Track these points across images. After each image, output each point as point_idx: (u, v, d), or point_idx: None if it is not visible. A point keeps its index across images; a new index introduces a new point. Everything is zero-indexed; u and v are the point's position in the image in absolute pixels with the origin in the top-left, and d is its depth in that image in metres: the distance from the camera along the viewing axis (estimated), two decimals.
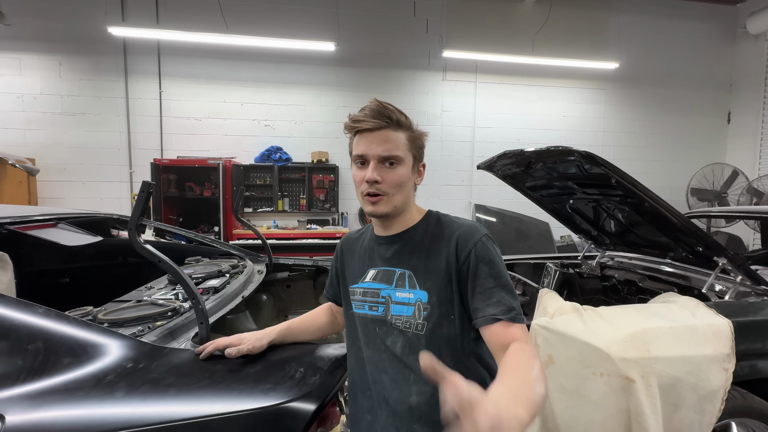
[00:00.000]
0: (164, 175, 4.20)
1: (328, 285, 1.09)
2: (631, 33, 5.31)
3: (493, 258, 0.79)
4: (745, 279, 1.82)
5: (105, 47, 4.31)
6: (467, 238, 0.80)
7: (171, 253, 2.06)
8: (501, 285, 0.78)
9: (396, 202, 0.82)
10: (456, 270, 0.80)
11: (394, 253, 0.87)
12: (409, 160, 0.83)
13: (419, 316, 0.81)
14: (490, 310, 0.76)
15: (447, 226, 0.85)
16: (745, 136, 5.45)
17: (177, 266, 1.08)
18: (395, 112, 0.81)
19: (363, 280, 0.91)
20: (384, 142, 0.79)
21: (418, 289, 0.82)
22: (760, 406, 1.56)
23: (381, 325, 0.86)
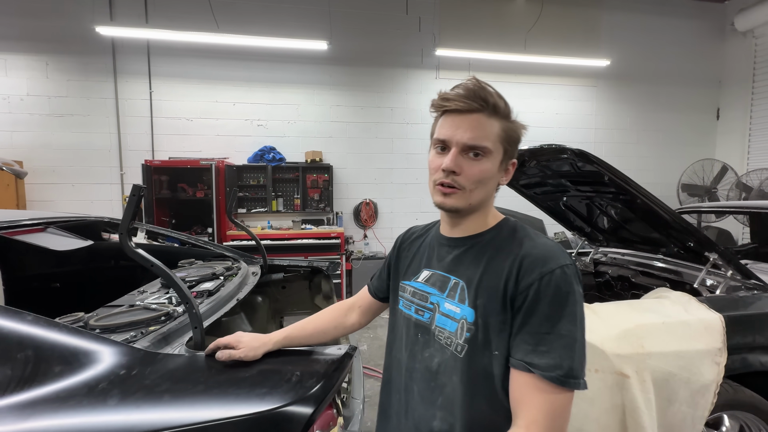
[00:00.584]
0: (156, 176, 4.15)
1: (377, 276, 1.03)
2: (622, 30, 5.36)
3: (563, 298, 0.63)
4: (735, 273, 1.85)
5: (93, 47, 4.24)
6: (537, 263, 0.65)
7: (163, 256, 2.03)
8: (560, 335, 0.61)
9: (473, 199, 0.71)
10: (511, 298, 0.66)
11: (454, 258, 0.77)
12: (498, 153, 0.71)
13: (461, 336, 0.70)
14: (531, 357, 0.62)
15: (518, 241, 0.71)
16: (733, 132, 5.53)
17: (169, 270, 1.07)
18: (493, 96, 0.68)
19: (416, 279, 0.83)
20: (472, 128, 0.68)
21: (466, 305, 0.70)
22: (751, 398, 1.58)
23: (424, 332, 0.78)
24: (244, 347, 0.93)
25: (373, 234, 5.01)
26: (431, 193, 0.75)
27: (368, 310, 1.04)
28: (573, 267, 0.67)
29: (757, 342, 1.55)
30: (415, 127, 5.03)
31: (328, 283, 2.36)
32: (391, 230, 5.05)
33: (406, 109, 4.99)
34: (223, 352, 0.93)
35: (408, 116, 5.00)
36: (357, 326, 1.04)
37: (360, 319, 1.03)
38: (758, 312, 1.59)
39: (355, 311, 1.04)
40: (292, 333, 0.98)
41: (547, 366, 0.60)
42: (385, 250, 4.98)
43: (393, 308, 0.91)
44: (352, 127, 4.89)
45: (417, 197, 5.11)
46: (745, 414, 1.60)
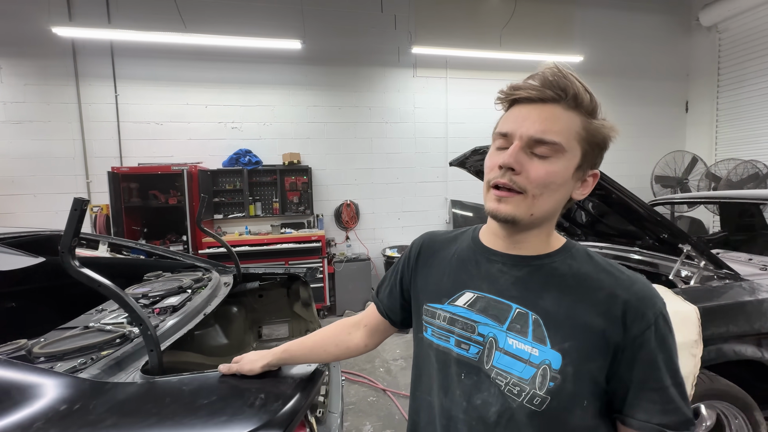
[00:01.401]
0: (124, 183, 3.96)
1: (386, 292, 0.83)
2: (594, 26, 5.46)
3: (673, 343, 0.57)
4: (708, 264, 1.88)
5: (51, 49, 4.01)
6: (645, 303, 0.56)
7: (128, 270, 1.91)
8: (677, 384, 0.56)
9: (536, 208, 0.57)
10: (618, 343, 0.56)
11: (517, 281, 0.61)
12: (574, 155, 0.57)
13: (541, 386, 0.56)
14: (661, 417, 0.55)
15: (606, 271, 0.59)
16: (702, 124, 5.72)
17: (120, 289, 0.98)
18: (576, 85, 0.56)
19: (451, 302, 0.66)
20: (543, 120, 0.55)
21: (548, 347, 0.56)
22: (727, 387, 1.60)
23: (471, 372, 0.62)
24: (243, 361, 0.91)
25: (356, 235, 4.95)
26: (484, 199, 0.61)
27: (376, 330, 0.86)
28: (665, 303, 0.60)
29: (731, 331, 1.57)
30: (394, 126, 4.98)
31: (307, 290, 2.28)
32: (374, 231, 5.00)
33: (385, 108, 4.93)
34: (224, 365, 0.92)
35: (386, 115, 4.95)
36: (363, 348, 0.86)
37: (366, 341, 0.86)
38: (730, 302, 1.62)
39: (361, 330, 0.87)
40: (291, 348, 0.90)
41: (678, 424, 0.55)
42: (368, 251, 4.92)
43: (417, 337, 0.73)
44: (330, 127, 4.81)
45: (399, 197, 5.07)
46: (722, 403, 1.62)
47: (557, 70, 0.57)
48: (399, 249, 4.76)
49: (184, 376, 0.92)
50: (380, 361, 3.26)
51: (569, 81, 0.56)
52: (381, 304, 0.84)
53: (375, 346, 0.89)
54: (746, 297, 1.64)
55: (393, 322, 0.84)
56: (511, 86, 0.60)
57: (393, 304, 0.82)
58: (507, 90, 0.60)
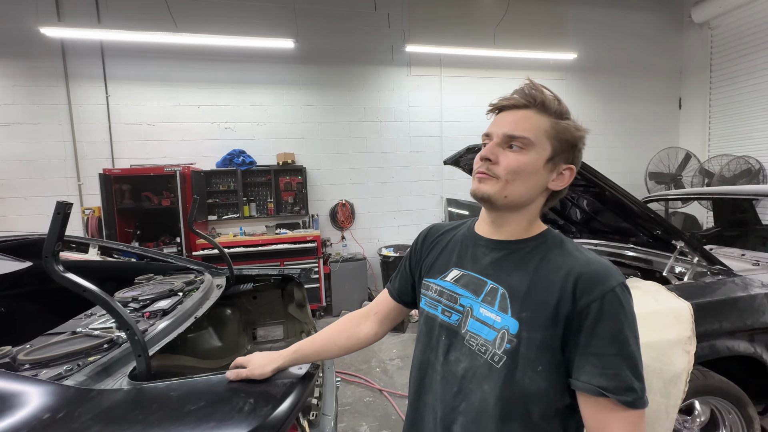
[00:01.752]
0: (116, 185, 3.92)
1: (397, 277, 0.94)
2: (588, 24, 5.47)
3: (624, 317, 0.62)
4: (701, 260, 1.88)
5: (40, 50, 3.96)
6: (595, 281, 0.63)
7: (119, 273, 1.88)
8: (625, 356, 0.61)
9: (509, 191, 0.68)
10: (566, 316, 0.63)
11: (493, 261, 0.73)
12: (543, 149, 0.68)
13: (499, 346, 0.67)
14: (600, 380, 0.60)
15: (570, 254, 0.68)
16: (695, 121, 5.76)
17: (105, 294, 0.96)
18: (543, 93, 0.69)
19: (443, 277, 0.79)
20: (514, 121, 0.68)
21: (508, 315, 0.67)
22: (720, 383, 1.61)
23: (450, 335, 0.74)
24: (251, 366, 0.90)
25: (351, 235, 4.93)
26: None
27: (387, 316, 0.94)
28: (625, 283, 0.65)
29: (724, 328, 1.58)
30: (389, 124, 4.97)
31: (301, 291, 2.27)
32: (369, 230, 4.99)
33: (379, 107, 4.92)
34: (231, 372, 0.89)
35: (381, 114, 4.93)
36: (373, 337, 0.94)
37: (376, 329, 0.94)
38: (723, 298, 1.62)
39: (370, 320, 0.94)
40: (302, 347, 0.92)
41: (617, 389, 0.60)
42: (363, 251, 4.91)
43: (419, 308, 0.86)
44: (324, 126, 4.78)
45: (394, 196, 5.06)
46: (716, 399, 1.63)
47: (531, 83, 0.71)
48: (395, 248, 4.75)
49: (171, 382, 0.90)
50: (377, 361, 3.25)
51: (538, 90, 0.70)
52: (393, 288, 0.94)
53: (384, 333, 0.97)
54: (739, 293, 1.65)
55: (406, 304, 0.93)
56: (498, 99, 0.74)
57: (404, 286, 0.92)
58: (494, 102, 0.74)
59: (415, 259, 0.90)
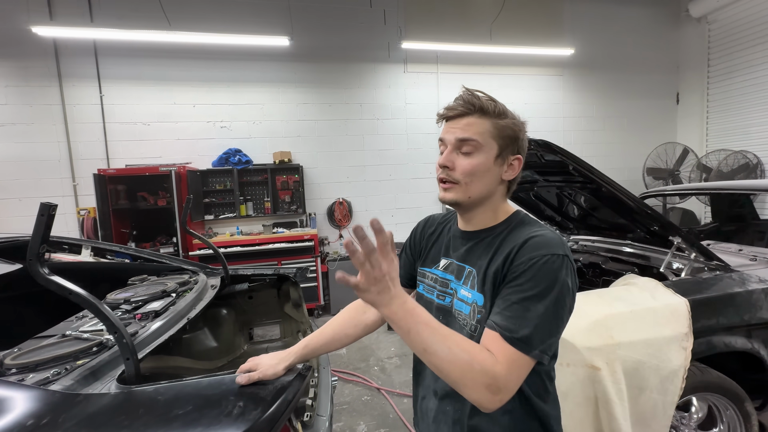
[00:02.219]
0: (111, 186, 3.89)
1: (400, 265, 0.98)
2: (584, 19, 5.44)
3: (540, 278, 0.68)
4: (698, 256, 1.87)
5: (32, 49, 3.92)
6: (533, 247, 0.71)
7: (112, 275, 1.86)
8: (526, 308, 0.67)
9: (471, 192, 0.78)
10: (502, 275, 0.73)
11: (467, 249, 0.84)
12: (490, 148, 0.77)
13: (472, 318, 0.78)
14: (497, 317, 0.69)
15: (523, 231, 0.77)
16: (692, 116, 5.74)
17: (92, 297, 0.94)
18: (480, 99, 0.77)
19: (436, 267, 0.90)
20: (462, 127, 0.77)
21: (476, 291, 0.78)
22: (718, 379, 1.60)
23: (446, 314, 0.84)
24: (261, 368, 0.90)
25: (349, 233, 4.92)
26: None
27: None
28: (565, 258, 0.70)
29: (721, 323, 1.57)
30: (386, 122, 4.94)
31: (297, 290, 2.25)
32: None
33: (376, 104, 4.89)
34: (242, 376, 0.88)
35: (378, 112, 4.91)
36: (379, 323, 1.00)
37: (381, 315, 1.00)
38: (720, 294, 1.61)
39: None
40: (311, 342, 0.95)
41: (506, 327, 0.67)
42: None
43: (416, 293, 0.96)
44: (320, 125, 4.76)
45: (391, 194, 5.04)
46: (713, 395, 1.62)
47: (467, 91, 0.79)
48: None
49: (160, 385, 0.89)
50: (375, 359, 3.24)
51: (475, 97, 0.77)
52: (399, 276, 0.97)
53: None
54: (736, 288, 1.64)
55: (411, 287, 1.01)
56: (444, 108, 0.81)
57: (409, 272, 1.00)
58: (441, 112, 0.81)
59: (415, 246, 1.00)
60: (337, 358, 3.25)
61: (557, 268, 0.69)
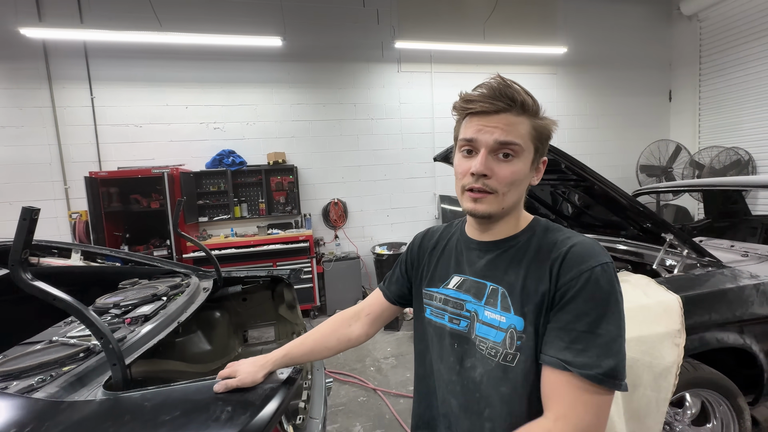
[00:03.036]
0: (103, 188, 3.85)
1: (392, 281, 0.94)
2: (577, 17, 5.46)
3: (600, 294, 0.60)
4: (690, 252, 1.88)
5: (21, 51, 3.87)
6: (576, 260, 0.63)
7: (103, 279, 1.84)
8: (596, 334, 0.59)
9: (506, 202, 0.68)
10: (551, 296, 0.64)
11: (488, 263, 0.73)
12: (529, 152, 0.67)
13: (510, 345, 0.67)
14: (565, 354, 0.60)
15: (556, 240, 0.68)
16: (685, 113, 5.78)
17: (77, 302, 0.93)
18: (521, 93, 0.66)
19: (445, 285, 0.79)
20: (501, 128, 0.65)
21: (512, 314, 0.67)
22: (711, 375, 1.61)
23: (462, 342, 0.74)
24: (240, 374, 0.87)
25: (344, 234, 4.90)
26: (459, 200, 0.72)
27: (379, 317, 0.95)
28: (612, 265, 0.64)
29: (713, 320, 1.57)
30: (381, 122, 4.93)
31: (291, 292, 2.24)
32: (363, 229, 4.96)
33: (370, 104, 4.88)
34: (220, 384, 0.85)
35: (372, 111, 4.89)
36: (363, 338, 0.94)
37: (367, 329, 0.94)
38: (712, 290, 1.62)
39: (361, 320, 0.95)
40: (291, 351, 0.91)
41: (583, 364, 0.58)
42: (357, 249, 4.88)
43: (419, 316, 0.86)
44: (315, 125, 4.74)
45: (387, 194, 5.03)
46: (706, 391, 1.63)
47: (502, 80, 0.67)
48: (389, 246, 4.73)
49: (147, 391, 0.88)
50: (371, 360, 3.24)
51: (515, 90, 0.66)
52: (388, 291, 0.94)
53: (374, 333, 0.97)
54: (728, 284, 1.65)
55: (402, 305, 0.94)
56: (463, 99, 0.68)
57: (400, 289, 0.92)
58: (461, 103, 0.69)
59: (412, 263, 0.90)
60: (333, 359, 3.24)
61: (610, 277, 0.62)
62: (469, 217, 0.76)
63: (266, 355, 0.90)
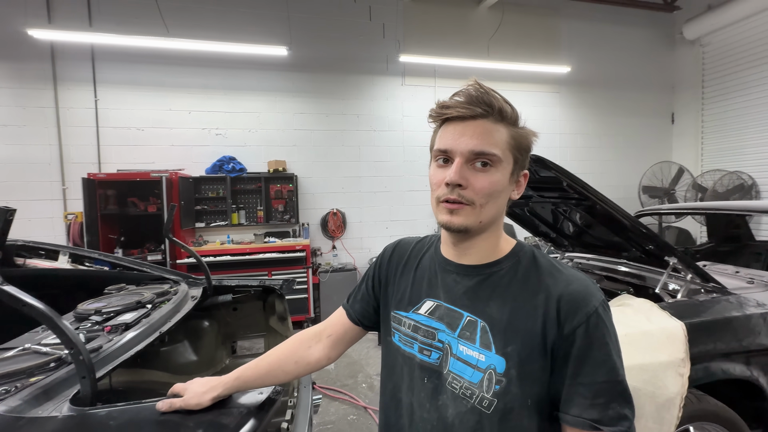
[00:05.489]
0: (101, 190, 3.82)
1: (356, 298, 0.85)
2: (581, 38, 5.52)
3: (610, 340, 0.58)
4: (695, 277, 1.82)
5: (28, 52, 3.90)
6: (578, 302, 0.59)
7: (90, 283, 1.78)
8: (615, 381, 0.57)
9: (484, 216, 0.62)
10: (554, 342, 0.59)
11: (468, 291, 0.66)
12: (508, 163, 0.62)
13: (488, 389, 0.60)
14: (591, 412, 0.56)
15: (548, 273, 0.63)
16: (687, 135, 5.79)
17: (49, 309, 0.88)
18: (499, 100, 0.61)
19: (415, 310, 0.71)
20: (477, 135, 0.60)
21: (493, 352, 0.61)
22: (716, 408, 1.53)
23: (432, 376, 0.67)
24: (187, 394, 0.79)
25: (342, 245, 4.85)
26: (434, 212, 0.65)
27: (341, 339, 0.85)
28: (605, 300, 0.62)
29: (718, 349, 1.51)
30: (383, 134, 4.94)
31: (282, 303, 2.18)
32: (361, 240, 4.91)
33: (372, 116, 4.89)
34: (164, 402, 0.78)
35: (375, 123, 4.90)
36: (325, 361, 0.85)
37: (328, 352, 0.84)
38: (718, 317, 1.56)
39: (323, 342, 0.85)
40: (244, 373, 0.82)
41: (611, 419, 0.56)
42: (354, 261, 4.82)
43: (386, 340, 0.78)
44: (316, 135, 4.74)
45: (386, 206, 5.00)
46: (711, 425, 1.55)
47: (480, 86, 0.61)
48: None
49: (113, 408, 0.82)
50: (363, 376, 3.14)
51: (492, 96, 0.61)
52: (352, 310, 0.85)
53: (338, 356, 0.87)
54: (734, 312, 1.59)
55: (366, 327, 0.85)
56: (440, 105, 0.63)
57: (365, 309, 0.83)
58: (437, 109, 0.64)
59: (380, 280, 0.82)
60: (324, 374, 3.14)
61: (610, 316, 0.60)
62: (444, 234, 0.70)
63: (219, 377, 0.82)
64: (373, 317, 0.83)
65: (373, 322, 0.83)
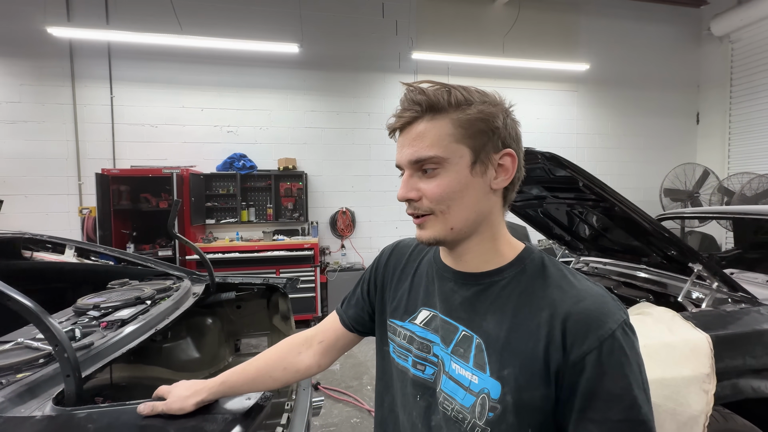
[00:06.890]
0: (114, 186, 3.88)
1: (350, 303, 0.80)
2: (600, 35, 5.33)
3: (630, 370, 0.48)
4: (721, 285, 1.70)
5: (48, 50, 4.00)
6: (589, 323, 0.50)
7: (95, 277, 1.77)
8: (636, 421, 0.47)
9: (452, 221, 0.55)
10: (557, 371, 0.50)
11: (464, 301, 0.59)
12: (460, 157, 0.54)
13: (480, 416, 0.53)
14: None
15: (556, 286, 0.54)
16: (713, 136, 5.53)
17: (35, 304, 0.85)
18: (427, 93, 0.54)
19: (411, 320, 0.66)
20: (409, 143, 0.55)
21: (487, 374, 0.53)
22: (744, 428, 1.42)
23: (426, 394, 0.61)
24: (170, 398, 0.75)
25: (351, 244, 4.81)
26: None
27: (333, 346, 0.80)
28: (627, 321, 0.51)
29: (748, 365, 1.39)
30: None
31: (286, 302, 2.14)
32: (370, 240, 4.86)
33: (384, 114, 4.83)
34: (146, 405, 0.74)
35: (386, 121, 4.83)
36: (315, 368, 0.79)
37: (319, 359, 0.79)
38: (747, 330, 1.44)
39: (313, 348, 0.79)
40: (230, 378, 0.78)
41: None
42: (363, 261, 4.77)
43: (382, 350, 0.72)
44: (327, 133, 4.71)
45: (396, 205, 4.93)
46: None
47: (411, 88, 0.56)
48: None
49: (94, 410, 0.78)
50: (368, 377, 3.09)
51: (420, 92, 0.55)
52: (346, 316, 0.80)
53: (329, 364, 0.81)
54: (765, 325, 1.46)
55: (361, 333, 0.80)
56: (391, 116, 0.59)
57: (360, 315, 0.78)
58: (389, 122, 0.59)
59: (376, 284, 0.76)
60: (329, 374, 3.10)
61: (634, 341, 0.50)
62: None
63: (204, 381, 0.78)
64: (368, 324, 0.78)
65: (368, 328, 0.78)
